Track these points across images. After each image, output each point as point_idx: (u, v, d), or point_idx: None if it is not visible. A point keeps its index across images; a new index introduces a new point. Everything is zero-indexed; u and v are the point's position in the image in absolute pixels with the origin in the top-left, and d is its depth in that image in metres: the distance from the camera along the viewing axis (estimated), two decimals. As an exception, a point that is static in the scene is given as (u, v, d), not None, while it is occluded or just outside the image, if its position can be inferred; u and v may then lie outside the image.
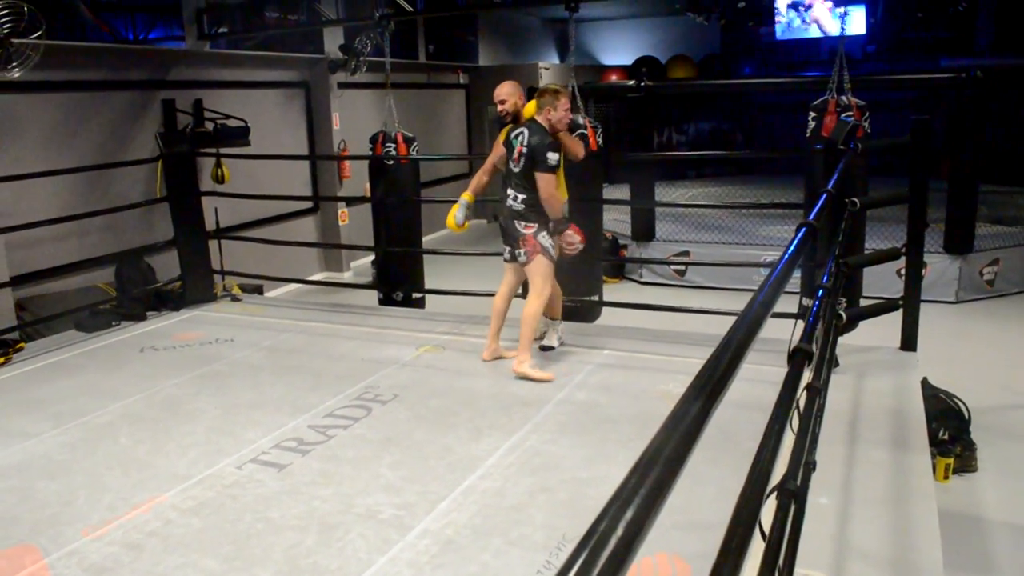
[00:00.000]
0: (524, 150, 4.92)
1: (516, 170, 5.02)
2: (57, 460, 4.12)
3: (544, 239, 4.98)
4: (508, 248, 5.17)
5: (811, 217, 2.62)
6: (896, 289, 5.83)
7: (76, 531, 3.40)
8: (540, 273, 5.02)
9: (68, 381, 5.32)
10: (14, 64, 5.93)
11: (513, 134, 5.02)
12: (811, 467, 2.45)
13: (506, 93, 5.11)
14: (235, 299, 7.39)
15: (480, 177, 5.43)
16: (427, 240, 7.66)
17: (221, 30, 8.19)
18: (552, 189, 4.88)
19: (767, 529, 1.56)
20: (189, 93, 8.24)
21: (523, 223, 5.00)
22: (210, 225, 7.36)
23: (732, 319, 1.58)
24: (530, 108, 5.05)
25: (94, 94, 7.37)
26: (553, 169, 4.84)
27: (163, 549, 3.24)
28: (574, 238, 5.00)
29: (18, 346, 6.04)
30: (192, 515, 3.50)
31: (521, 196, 5.01)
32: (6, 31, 5.77)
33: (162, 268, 7.49)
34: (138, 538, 3.32)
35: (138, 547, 3.26)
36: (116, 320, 6.70)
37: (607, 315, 6.19)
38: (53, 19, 6.21)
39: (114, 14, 7.38)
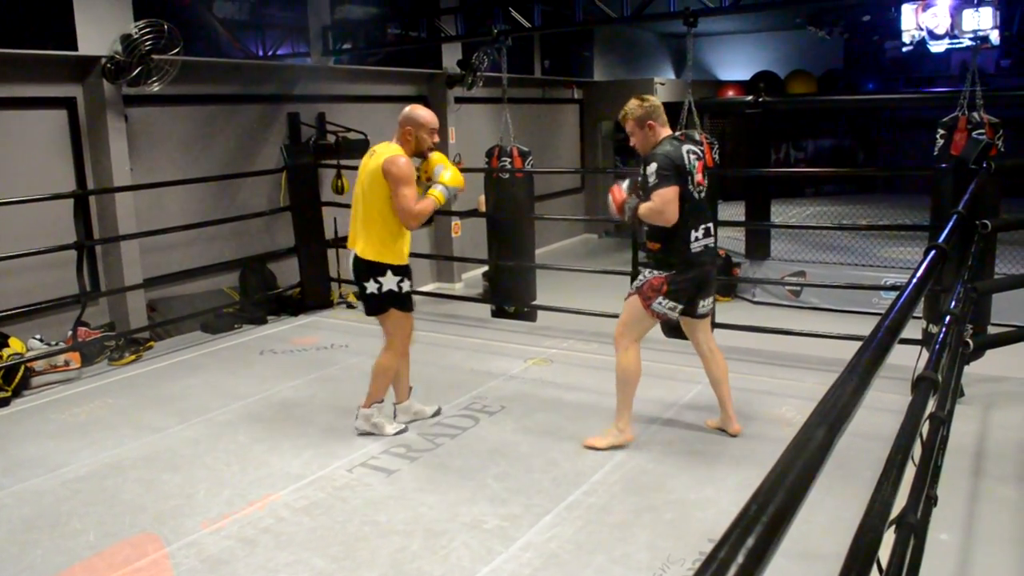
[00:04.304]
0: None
1: (704, 195, 4.09)
2: (181, 454, 4.33)
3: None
4: (709, 300, 4.30)
5: (941, 239, 2.51)
6: (1029, 317, 5.52)
7: (196, 523, 3.56)
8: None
9: (193, 379, 5.59)
10: (154, 79, 6.29)
11: (685, 150, 3.96)
12: (932, 501, 2.34)
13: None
14: (350, 306, 7.61)
15: None
16: (539, 254, 7.68)
17: (345, 46, 8.48)
18: None
19: (883, 563, 1.51)
20: (313, 107, 8.53)
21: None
22: (329, 234, 7.61)
23: (849, 343, 1.54)
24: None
25: (225, 107, 7.71)
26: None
27: (275, 546, 3.36)
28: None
29: (148, 344, 6.39)
30: (304, 514, 3.61)
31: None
32: (147, 48, 6.12)
33: (283, 274, 7.78)
34: (253, 533, 3.46)
35: (252, 542, 3.39)
36: (239, 323, 7.02)
37: (718, 335, 6.05)
38: (190, 37, 6.53)
39: (246, 32, 7.70)
